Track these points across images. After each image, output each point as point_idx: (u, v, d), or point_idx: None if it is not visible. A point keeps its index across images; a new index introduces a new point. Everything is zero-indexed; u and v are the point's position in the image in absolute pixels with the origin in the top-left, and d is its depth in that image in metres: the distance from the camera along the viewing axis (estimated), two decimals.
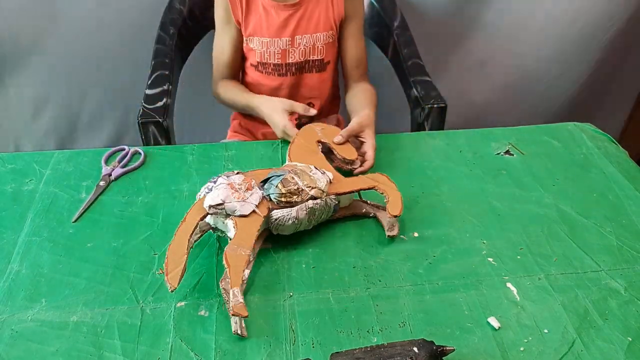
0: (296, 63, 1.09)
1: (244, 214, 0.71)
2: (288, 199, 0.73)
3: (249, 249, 0.69)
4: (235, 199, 0.71)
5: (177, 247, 0.69)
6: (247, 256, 0.69)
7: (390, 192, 0.79)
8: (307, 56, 1.09)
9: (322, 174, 0.79)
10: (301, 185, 0.74)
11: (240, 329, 0.63)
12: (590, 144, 0.98)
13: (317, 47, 1.08)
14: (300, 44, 1.07)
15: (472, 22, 1.44)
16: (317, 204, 0.75)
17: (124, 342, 0.63)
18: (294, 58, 1.08)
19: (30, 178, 0.88)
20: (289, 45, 1.06)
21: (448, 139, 0.99)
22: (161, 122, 1.04)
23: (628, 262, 0.74)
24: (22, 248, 0.75)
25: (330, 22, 1.07)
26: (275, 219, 0.73)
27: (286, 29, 1.05)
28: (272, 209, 0.73)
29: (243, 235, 0.70)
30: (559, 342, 0.63)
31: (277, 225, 0.74)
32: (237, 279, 0.66)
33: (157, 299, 0.68)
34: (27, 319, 0.66)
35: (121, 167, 0.90)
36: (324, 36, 1.07)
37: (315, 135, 0.90)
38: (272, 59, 1.08)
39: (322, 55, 1.10)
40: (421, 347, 0.57)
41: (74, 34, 1.33)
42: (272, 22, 1.05)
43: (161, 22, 1.24)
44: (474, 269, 0.73)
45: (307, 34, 1.06)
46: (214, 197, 0.72)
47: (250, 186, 0.74)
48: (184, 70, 1.30)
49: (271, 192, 0.73)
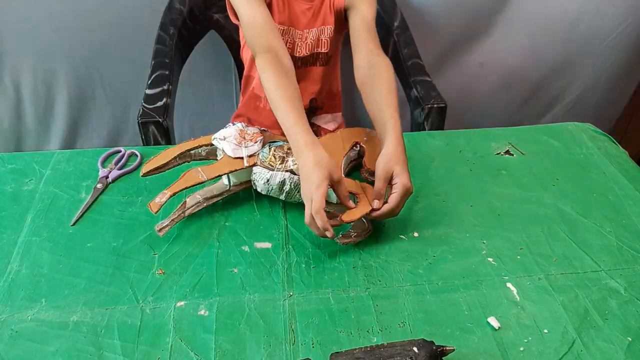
0: (303, 57, 1.08)
1: (231, 155, 0.80)
2: (270, 162, 0.79)
3: (207, 177, 0.77)
4: (235, 141, 0.80)
5: (172, 150, 0.81)
6: (201, 180, 0.77)
7: (361, 203, 0.77)
8: (313, 49, 1.08)
9: None
10: (289, 157, 0.80)
11: (161, 228, 0.75)
12: (590, 144, 0.98)
13: (321, 40, 1.07)
14: (307, 37, 1.06)
15: (471, 22, 1.44)
16: (292, 178, 0.78)
17: (124, 342, 0.63)
18: (301, 52, 1.07)
19: (30, 178, 0.88)
20: (298, 38, 1.05)
21: (448, 139, 0.99)
22: (161, 122, 1.04)
23: (628, 262, 0.74)
24: (22, 248, 0.75)
25: (332, 16, 1.06)
26: (254, 173, 0.80)
27: (300, 21, 1.04)
28: (257, 165, 0.80)
29: (215, 167, 0.79)
30: (558, 342, 0.63)
31: (254, 180, 0.81)
32: (176, 187, 0.77)
33: (157, 299, 0.68)
34: (27, 318, 0.66)
35: (118, 169, 0.90)
36: (327, 30, 1.07)
37: (360, 136, 0.90)
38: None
39: (326, 48, 1.09)
40: (421, 347, 0.57)
41: (73, 34, 1.33)
42: (292, 13, 1.03)
43: (161, 22, 1.24)
44: (474, 269, 0.73)
45: (314, 28, 1.05)
46: (222, 131, 0.83)
47: (255, 139, 0.81)
48: (184, 70, 1.30)
49: (262, 151, 0.81)
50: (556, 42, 1.50)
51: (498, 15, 1.42)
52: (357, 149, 0.89)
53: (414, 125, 1.18)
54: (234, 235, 0.78)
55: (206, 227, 0.79)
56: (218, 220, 0.80)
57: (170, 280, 0.71)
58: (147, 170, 0.79)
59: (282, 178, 0.78)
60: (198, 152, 0.84)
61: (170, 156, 0.80)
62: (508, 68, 1.55)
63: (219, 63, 1.44)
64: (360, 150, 0.89)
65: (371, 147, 0.88)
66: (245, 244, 0.77)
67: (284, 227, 0.79)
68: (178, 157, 0.81)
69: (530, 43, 1.49)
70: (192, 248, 0.76)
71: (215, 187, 0.83)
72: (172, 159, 0.81)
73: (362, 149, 0.89)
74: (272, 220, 0.81)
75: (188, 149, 0.82)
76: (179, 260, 0.74)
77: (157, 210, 0.75)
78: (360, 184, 0.81)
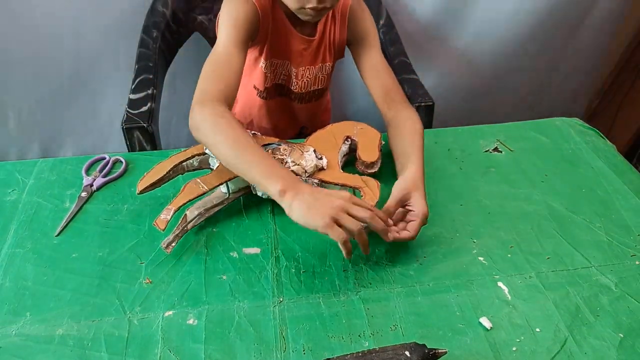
0: (298, 94, 1.06)
1: None
2: None
3: (208, 187, 0.77)
4: None
5: (165, 163, 0.80)
6: (202, 191, 0.76)
7: (367, 197, 0.77)
8: (308, 87, 1.06)
9: (318, 158, 0.80)
10: (287, 158, 0.79)
11: (168, 244, 0.73)
12: (578, 139, 0.98)
13: (318, 78, 1.05)
14: (304, 75, 1.03)
15: (458, 19, 1.44)
16: None
17: (112, 355, 0.62)
18: (297, 88, 1.05)
19: (12, 188, 0.86)
20: (294, 76, 1.03)
21: (436, 138, 0.99)
22: (146, 127, 1.03)
23: (618, 257, 0.74)
24: (5, 260, 0.74)
25: (332, 53, 1.03)
26: None
27: (298, 60, 1.01)
28: None
29: (214, 176, 0.78)
30: (551, 341, 0.63)
31: (253, 185, 0.80)
32: (179, 202, 0.75)
33: (145, 309, 0.67)
34: (11, 333, 0.64)
35: (102, 176, 0.88)
36: (326, 67, 1.04)
37: (350, 130, 0.89)
38: (279, 87, 1.05)
39: (322, 85, 1.07)
40: (413, 351, 0.57)
41: (54, 39, 1.31)
42: (291, 50, 0.99)
43: (144, 25, 1.22)
44: (465, 269, 0.73)
45: (311, 66, 1.03)
46: None
47: None
48: (168, 74, 1.29)
49: None
50: (542, 36, 1.50)
51: (484, 11, 1.42)
52: (349, 142, 0.88)
53: None
54: (222, 241, 0.77)
55: (193, 233, 0.78)
56: (205, 226, 0.79)
57: (157, 289, 0.70)
58: (143, 187, 0.77)
59: None
60: (191, 162, 0.83)
61: (164, 171, 0.79)
62: (495, 64, 1.55)
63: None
64: (351, 144, 0.89)
65: (363, 139, 0.88)
66: (234, 249, 0.76)
67: (272, 231, 0.78)
68: (172, 171, 0.80)
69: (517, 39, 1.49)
70: (179, 255, 0.74)
71: (215, 196, 0.81)
72: (166, 173, 0.79)
73: (353, 143, 0.88)
74: (260, 225, 0.80)
75: (180, 160, 0.81)
76: (166, 269, 0.72)
77: (164, 227, 0.73)
78: (361, 177, 0.80)
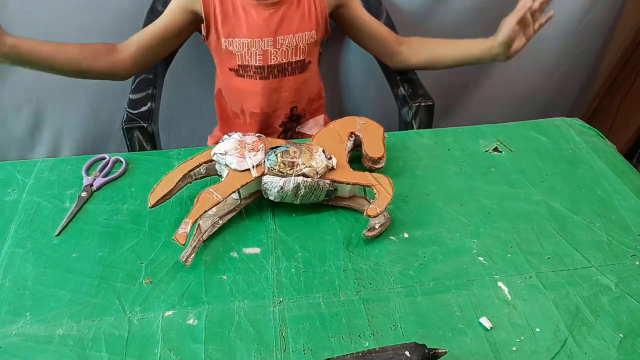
0: (278, 65, 1.07)
1: (237, 168, 0.77)
2: (280, 169, 0.77)
3: (222, 196, 0.75)
4: (238, 154, 0.78)
5: (173, 174, 0.78)
6: (217, 200, 0.74)
7: (381, 195, 0.77)
8: (289, 57, 1.07)
9: (327, 159, 0.80)
10: (298, 160, 0.78)
11: (187, 257, 0.72)
12: (578, 139, 0.98)
13: (299, 48, 1.06)
14: (282, 44, 1.04)
15: (458, 19, 1.44)
16: (306, 182, 0.77)
17: (111, 355, 0.62)
18: (275, 59, 1.06)
19: (12, 188, 0.86)
20: (270, 46, 1.04)
21: (436, 137, 0.99)
22: (146, 127, 1.03)
23: (618, 257, 0.74)
24: (6, 260, 0.74)
25: (312, 21, 1.06)
26: (264, 182, 0.78)
27: (267, 28, 1.03)
28: (265, 173, 0.78)
29: (226, 184, 0.76)
30: (551, 341, 0.63)
31: (265, 189, 0.79)
32: (196, 214, 0.73)
33: (145, 309, 0.67)
34: (11, 333, 0.64)
35: (102, 176, 0.88)
36: (306, 36, 1.06)
37: (353, 125, 0.89)
38: (253, 61, 1.06)
39: (304, 55, 1.08)
40: (413, 351, 0.57)
41: (54, 38, 1.31)
42: (252, 22, 1.03)
43: (144, 25, 1.22)
44: (465, 269, 0.73)
45: (289, 34, 1.04)
46: (221, 146, 0.79)
47: (257, 148, 0.79)
48: (168, 74, 1.29)
49: (268, 159, 0.78)
50: (540, 37, 1.50)
51: (485, 11, 1.42)
52: (353, 138, 0.88)
53: (402, 124, 1.17)
54: (222, 241, 0.77)
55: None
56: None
57: (157, 289, 0.70)
58: (155, 201, 0.75)
59: (295, 183, 0.77)
60: (198, 170, 0.82)
61: (173, 182, 0.77)
62: (494, 64, 1.55)
63: (204, 65, 1.42)
64: (355, 139, 0.89)
65: (367, 134, 0.88)
66: (234, 249, 0.76)
67: (272, 231, 0.79)
68: (180, 181, 0.78)
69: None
70: (180, 255, 0.74)
71: (227, 203, 0.80)
72: (176, 184, 0.77)
73: (357, 138, 0.88)
74: (260, 225, 0.80)
75: (189, 169, 0.79)
76: (166, 269, 0.73)
77: (184, 241, 0.71)
78: (372, 175, 0.80)
